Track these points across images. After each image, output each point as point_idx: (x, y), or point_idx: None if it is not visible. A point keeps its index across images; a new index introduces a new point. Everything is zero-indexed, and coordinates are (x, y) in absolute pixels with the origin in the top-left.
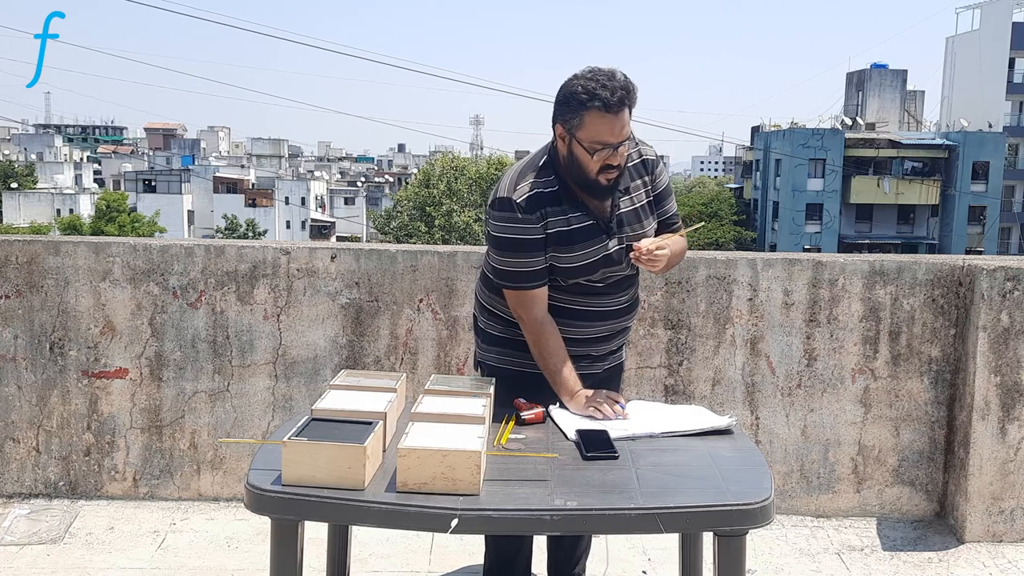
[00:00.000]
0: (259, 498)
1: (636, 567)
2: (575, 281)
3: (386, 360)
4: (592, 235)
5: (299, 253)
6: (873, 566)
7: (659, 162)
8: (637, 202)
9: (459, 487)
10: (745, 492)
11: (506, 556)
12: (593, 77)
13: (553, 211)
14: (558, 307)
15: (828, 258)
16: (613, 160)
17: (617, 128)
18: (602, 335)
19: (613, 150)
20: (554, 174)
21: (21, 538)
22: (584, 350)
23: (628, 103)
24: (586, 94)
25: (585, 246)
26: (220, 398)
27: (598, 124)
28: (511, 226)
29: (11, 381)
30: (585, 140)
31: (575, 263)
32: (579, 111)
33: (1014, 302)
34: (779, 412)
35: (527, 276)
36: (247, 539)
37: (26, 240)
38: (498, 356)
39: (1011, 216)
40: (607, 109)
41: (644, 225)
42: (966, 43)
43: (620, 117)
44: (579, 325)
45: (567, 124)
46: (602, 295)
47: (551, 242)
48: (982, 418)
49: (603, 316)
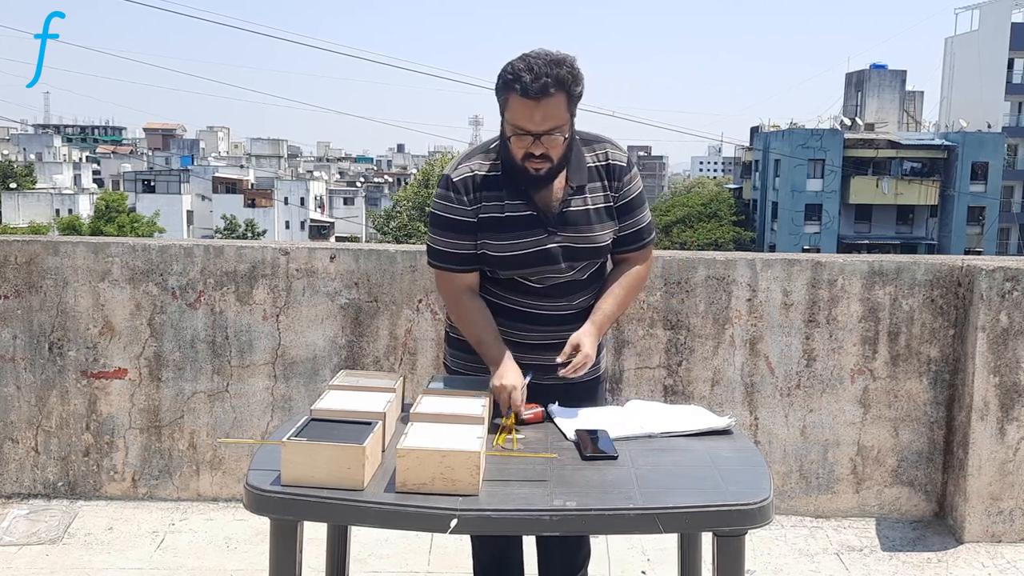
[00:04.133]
0: (258, 498)
1: (635, 567)
2: (511, 276)
3: (385, 360)
4: (527, 226)
5: (298, 253)
6: (872, 566)
7: (630, 170)
8: (591, 204)
9: (458, 487)
10: (744, 492)
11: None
12: (527, 59)
13: (489, 196)
14: (494, 304)
15: (827, 258)
16: (535, 149)
17: (537, 116)
18: (541, 343)
19: (534, 139)
20: (500, 159)
21: (20, 538)
22: (536, 358)
23: (555, 93)
24: (511, 75)
25: (518, 236)
26: (219, 398)
27: (518, 108)
28: (444, 204)
29: (10, 381)
30: (508, 123)
31: (505, 252)
32: (504, 92)
33: (1013, 302)
34: (778, 412)
35: (452, 258)
36: (246, 539)
37: (25, 240)
38: (462, 360)
39: (1010, 216)
40: (525, 95)
41: (594, 230)
42: (965, 43)
43: (541, 105)
44: (517, 327)
45: (499, 103)
46: (541, 297)
47: (482, 227)
48: (981, 418)
49: (540, 320)
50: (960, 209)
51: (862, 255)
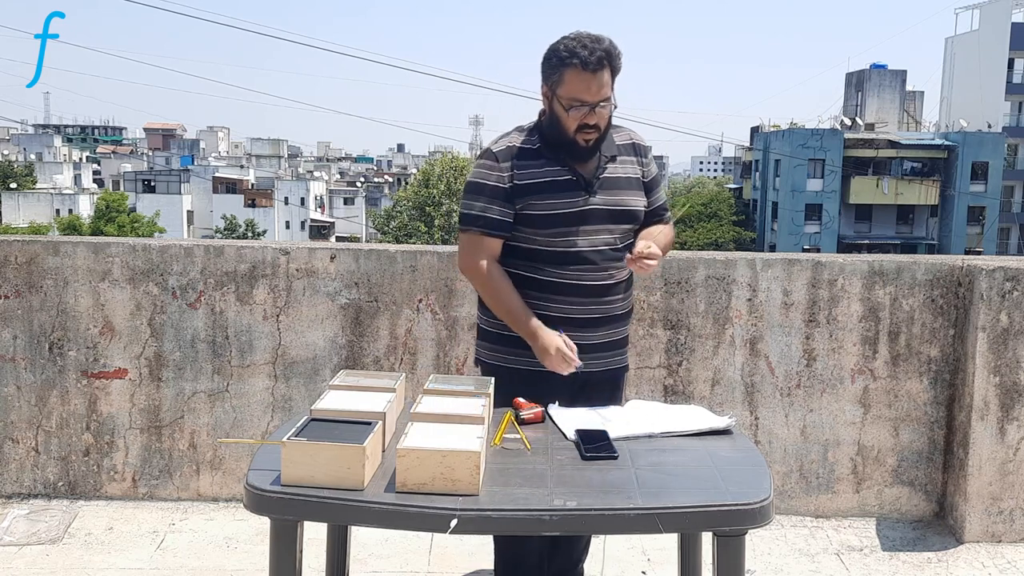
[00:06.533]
0: (258, 498)
1: (635, 567)
2: (545, 244)
3: (385, 360)
4: (567, 187)
5: (298, 253)
6: (872, 566)
7: (649, 151)
8: (623, 173)
9: (458, 487)
10: (744, 492)
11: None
12: (576, 37)
13: (528, 164)
14: (535, 279)
15: (827, 258)
16: (590, 119)
17: (595, 87)
18: (583, 316)
19: (591, 109)
20: (539, 133)
21: (20, 538)
22: (572, 334)
23: (609, 65)
24: (567, 52)
25: (559, 196)
26: (219, 398)
27: (576, 82)
28: (481, 171)
29: (10, 381)
30: (564, 97)
31: (547, 211)
32: (559, 68)
33: (1013, 302)
34: (778, 412)
35: (482, 221)
36: (246, 539)
37: (25, 240)
38: (494, 352)
39: (1010, 216)
40: (584, 67)
41: (629, 195)
42: (965, 43)
43: (598, 77)
44: (555, 300)
45: (549, 81)
46: (582, 267)
47: (524, 191)
48: (981, 418)
49: (581, 291)
50: (960, 209)
51: (862, 255)
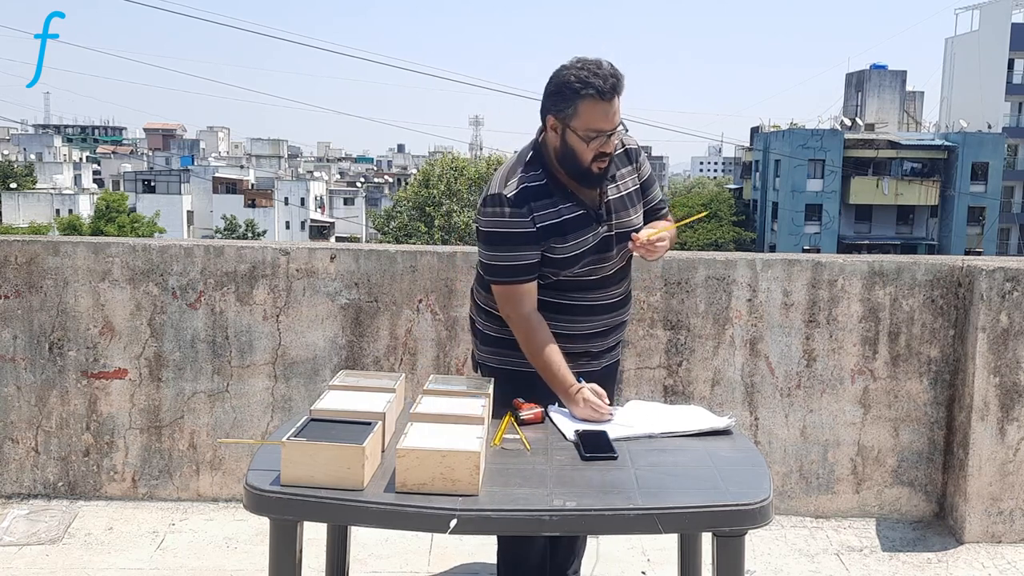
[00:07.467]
0: (258, 498)
1: (635, 567)
2: (569, 276)
3: (385, 360)
4: (583, 224)
5: (298, 253)
6: (872, 567)
7: (641, 151)
8: (624, 190)
9: (458, 487)
10: (744, 492)
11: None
12: (584, 67)
13: (542, 204)
14: (554, 303)
15: (827, 259)
16: (607, 148)
17: (611, 115)
18: (599, 330)
19: (607, 137)
20: (541, 167)
21: (20, 538)
22: (583, 347)
23: (619, 90)
24: (579, 83)
25: (578, 235)
26: (219, 398)
27: (593, 112)
28: (501, 220)
29: (10, 381)
30: (580, 129)
31: (569, 253)
32: (573, 100)
33: (1013, 303)
34: (778, 412)
35: (516, 270)
36: (246, 539)
37: (25, 240)
38: (496, 356)
39: (1010, 217)
40: (601, 96)
41: (632, 212)
42: (965, 44)
43: (612, 104)
44: (577, 321)
45: (560, 114)
46: (596, 289)
47: (544, 235)
48: (981, 419)
49: (599, 311)
50: (960, 209)
51: (862, 255)
